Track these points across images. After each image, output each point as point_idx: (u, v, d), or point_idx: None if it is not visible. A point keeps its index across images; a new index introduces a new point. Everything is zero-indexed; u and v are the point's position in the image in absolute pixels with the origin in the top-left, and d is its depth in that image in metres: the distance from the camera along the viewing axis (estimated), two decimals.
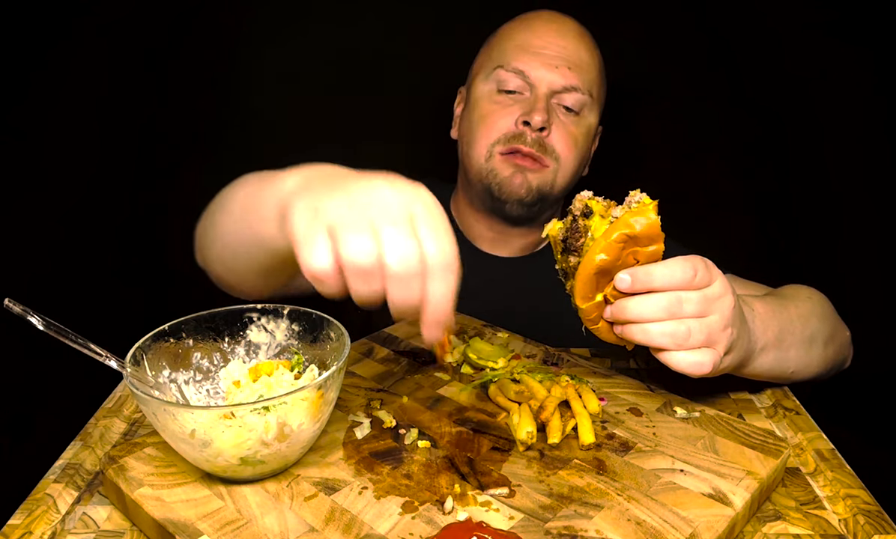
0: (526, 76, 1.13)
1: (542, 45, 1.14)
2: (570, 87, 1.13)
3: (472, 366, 0.90)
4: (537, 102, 1.12)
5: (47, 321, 0.65)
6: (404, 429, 0.77)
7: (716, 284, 0.72)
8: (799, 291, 0.99)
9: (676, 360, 0.72)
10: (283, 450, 0.66)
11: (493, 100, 1.16)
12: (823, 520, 0.69)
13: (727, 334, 0.73)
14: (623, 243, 0.70)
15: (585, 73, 1.15)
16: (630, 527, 0.61)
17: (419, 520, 0.63)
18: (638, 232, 0.70)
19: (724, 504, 0.64)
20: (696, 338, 0.71)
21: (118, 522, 0.69)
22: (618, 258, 0.71)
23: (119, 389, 0.96)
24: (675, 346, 0.71)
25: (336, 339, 0.76)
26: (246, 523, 0.63)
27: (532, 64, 1.13)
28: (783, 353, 0.86)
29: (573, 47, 1.15)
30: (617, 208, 0.72)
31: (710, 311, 0.71)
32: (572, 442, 0.74)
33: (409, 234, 0.57)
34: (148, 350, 0.74)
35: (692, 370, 0.72)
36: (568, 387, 0.80)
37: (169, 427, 0.64)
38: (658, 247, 0.71)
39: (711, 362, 0.72)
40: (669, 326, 0.70)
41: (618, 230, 0.70)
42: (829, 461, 0.78)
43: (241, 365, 0.81)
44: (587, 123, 1.18)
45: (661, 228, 0.71)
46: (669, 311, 0.70)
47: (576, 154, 1.16)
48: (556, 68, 1.13)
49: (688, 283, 0.70)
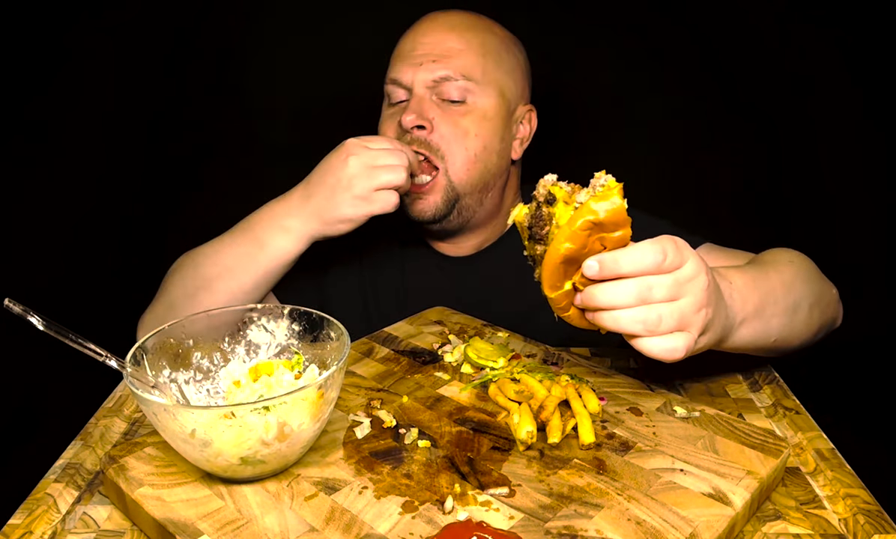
0: (400, 82, 1.14)
1: (410, 48, 1.14)
2: (440, 79, 1.11)
3: (473, 366, 0.90)
4: (412, 102, 1.12)
5: (47, 321, 0.65)
6: (404, 428, 0.77)
7: (687, 266, 0.69)
8: (780, 255, 0.97)
9: (648, 346, 0.69)
10: (284, 449, 0.66)
11: (386, 115, 1.17)
12: (823, 519, 0.69)
13: (701, 316, 0.70)
14: (588, 230, 0.67)
15: (455, 58, 1.12)
16: (630, 526, 0.61)
17: (419, 519, 0.63)
18: (603, 218, 0.66)
19: (724, 504, 0.64)
20: (668, 323, 0.68)
21: (118, 522, 0.69)
22: (584, 246, 0.68)
23: (119, 389, 0.96)
24: (646, 332, 0.69)
25: (336, 338, 0.76)
26: (246, 523, 0.63)
27: (401, 69, 1.14)
28: (765, 323, 0.85)
29: (437, 40, 1.14)
30: (582, 192, 0.69)
31: (682, 294, 0.69)
32: (572, 442, 0.74)
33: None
34: (148, 350, 0.74)
35: (665, 356, 0.70)
36: (568, 386, 0.80)
37: (169, 427, 0.64)
38: (625, 232, 0.68)
39: (685, 347, 0.69)
40: (640, 313, 0.68)
41: (582, 217, 0.67)
42: (829, 461, 0.78)
43: (241, 365, 0.81)
44: (479, 108, 1.14)
45: (626, 213, 0.68)
46: (639, 297, 0.68)
47: (467, 143, 1.12)
48: (420, 65, 1.12)
49: (657, 267, 0.68)
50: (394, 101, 1.16)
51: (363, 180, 0.99)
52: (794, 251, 1.00)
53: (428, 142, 1.11)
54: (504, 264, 1.20)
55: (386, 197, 1.00)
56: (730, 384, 0.95)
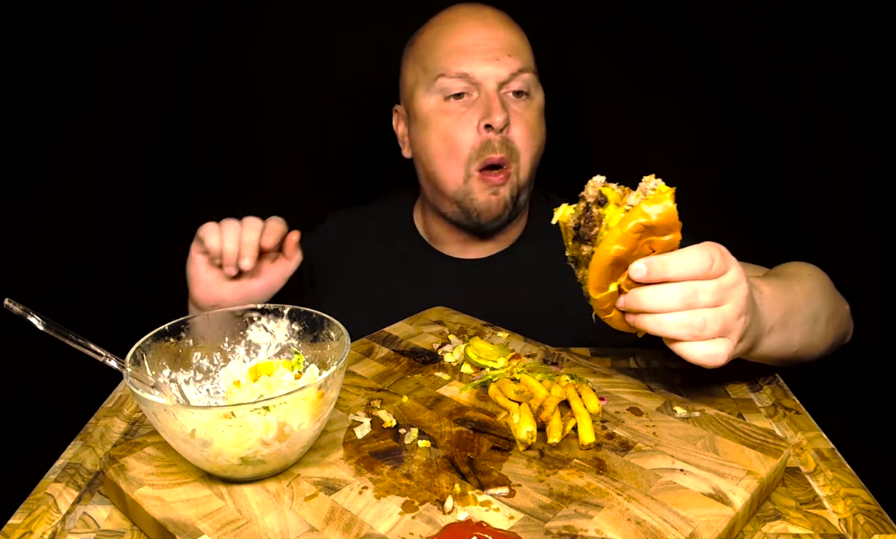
0: (470, 78, 1.11)
1: (475, 42, 1.11)
2: (516, 72, 1.11)
3: (473, 366, 0.90)
4: (491, 101, 1.09)
5: (47, 321, 0.65)
6: (404, 428, 0.77)
7: (731, 272, 0.70)
8: (800, 269, 0.98)
9: (691, 350, 0.70)
10: (284, 449, 0.66)
11: (444, 111, 1.13)
12: (823, 519, 0.69)
13: (741, 322, 0.71)
14: (639, 233, 0.67)
15: (523, 53, 1.14)
16: (630, 526, 0.61)
17: (419, 519, 0.63)
18: (654, 221, 0.67)
19: (724, 504, 0.64)
20: (711, 328, 0.69)
21: (118, 522, 0.69)
22: (633, 248, 0.69)
23: (119, 389, 0.96)
24: (690, 336, 0.69)
25: (336, 338, 0.76)
26: (246, 523, 0.63)
27: (473, 63, 1.10)
28: (788, 333, 0.85)
29: (504, 34, 1.13)
30: (632, 195, 0.69)
31: (725, 300, 0.70)
32: (572, 442, 0.74)
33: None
34: (148, 350, 0.74)
35: (707, 362, 0.70)
36: (568, 386, 0.80)
37: (169, 427, 0.64)
38: (675, 236, 0.69)
39: (727, 352, 0.70)
40: (685, 317, 0.69)
41: (634, 219, 0.67)
42: (829, 461, 0.78)
43: (241, 365, 0.81)
44: (538, 103, 1.16)
45: (678, 217, 0.68)
46: (685, 301, 0.68)
47: (533, 143, 1.13)
48: (497, 60, 1.10)
49: (705, 272, 0.68)
50: (450, 94, 1.12)
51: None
52: (811, 265, 1.01)
53: (508, 141, 1.10)
54: (524, 266, 1.20)
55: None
56: (730, 384, 0.95)
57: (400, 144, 1.25)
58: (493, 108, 1.08)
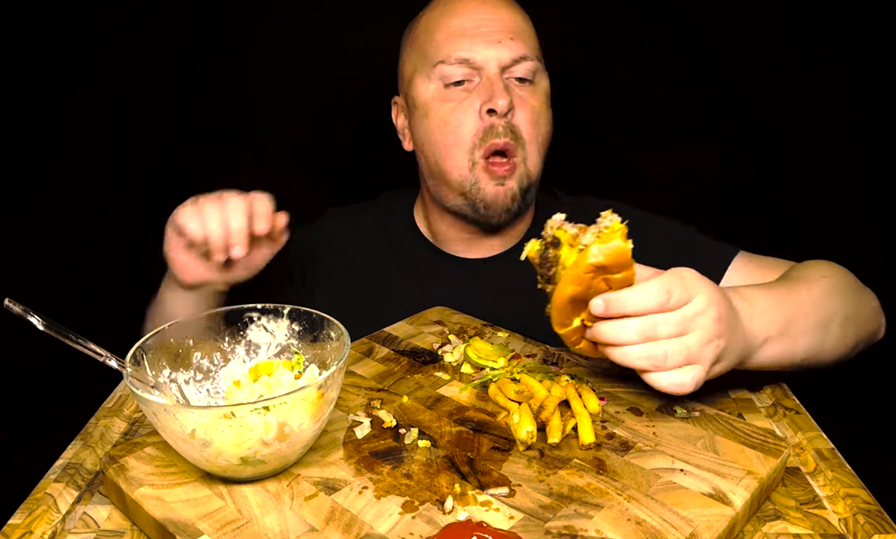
0: (471, 63, 1.06)
1: (475, 25, 1.07)
2: (518, 58, 1.07)
3: (473, 365, 0.90)
4: (493, 85, 1.05)
5: (47, 321, 0.65)
6: (404, 428, 0.77)
7: (696, 301, 0.71)
8: (813, 270, 0.95)
9: (656, 380, 0.72)
10: (284, 449, 0.66)
11: (445, 98, 1.09)
12: (823, 519, 0.69)
13: (712, 348, 0.72)
14: (592, 273, 0.70)
15: (528, 38, 1.10)
16: (630, 526, 0.61)
17: (419, 519, 0.63)
18: (605, 262, 0.69)
19: (724, 504, 0.64)
20: (675, 359, 0.71)
21: (118, 522, 0.69)
22: (588, 287, 0.71)
23: (119, 389, 0.96)
24: (653, 367, 0.71)
25: (336, 338, 0.76)
26: (246, 523, 0.63)
27: (474, 47, 1.06)
28: (791, 342, 0.84)
29: (508, 16, 1.09)
30: (587, 233, 0.70)
31: (689, 330, 0.71)
32: (572, 442, 0.74)
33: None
34: (148, 350, 0.74)
35: (673, 390, 0.72)
36: (568, 386, 0.80)
37: (169, 427, 0.64)
38: (628, 273, 0.70)
39: (693, 381, 0.72)
40: (646, 349, 0.70)
41: (585, 261, 0.69)
42: (829, 461, 0.78)
43: (241, 365, 0.81)
44: (543, 90, 1.12)
45: (630, 255, 0.70)
46: (644, 334, 0.70)
47: (539, 129, 1.10)
48: (499, 43, 1.06)
49: (661, 306, 0.70)
50: (450, 82, 1.08)
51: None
52: (830, 264, 0.98)
53: (512, 127, 1.06)
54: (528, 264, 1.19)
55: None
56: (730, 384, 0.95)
57: (400, 137, 1.21)
58: (496, 92, 1.05)
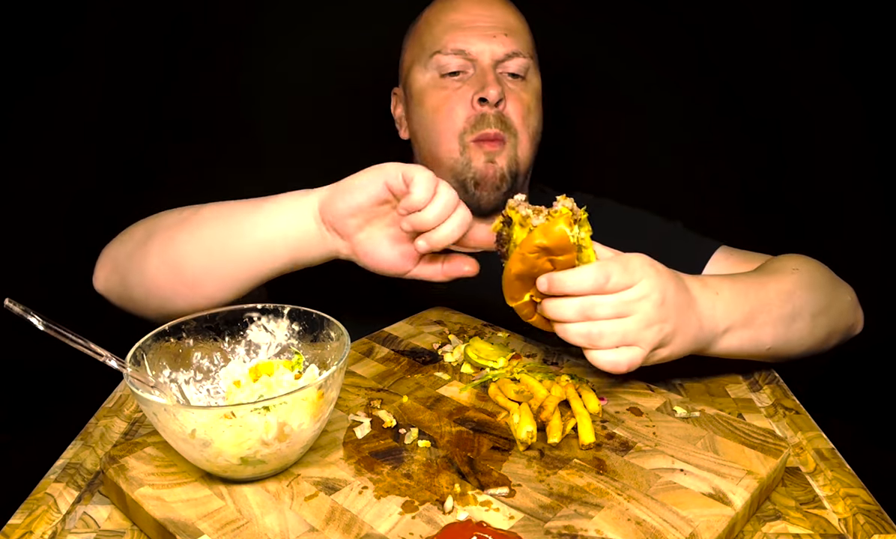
0: (466, 54, 1.11)
1: (472, 20, 1.12)
2: (511, 54, 1.12)
3: (473, 365, 0.90)
4: (486, 76, 1.10)
5: (47, 321, 0.65)
6: (404, 428, 0.77)
7: (638, 287, 0.75)
8: (787, 263, 0.97)
9: (592, 357, 0.76)
10: (284, 449, 0.66)
11: (439, 86, 1.13)
12: (823, 519, 0.69)
13: (654, 331, 0.76)
14: (537, 253, 0.74)
15: (521, 36, 1.15)
16: (630, 526, 0.61)
17: (419, 519, 0.63)
18: (548, 244, 0.73)
19: (724, 504, 0.64)
20: (610, 339, 0.75)
21: (119, 522, 0.69)
22: (534, 266, 0.75)
23: (119, 389, 0.96)
24: (589, 345, 0.75)
25: (336, 338, 0.76)
26: (246, 523, 0.63)
27: (470, 39, 1.11)
28: (755, 332, 0.86)
29: (503, 14, 1.14)
30: (540, 216, 0.74)
31: (628, 313, 0.75)
32: (572, 442, 0.74)
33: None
34: (148, 350, 0.74)
35: (608, 368, 0.76)
36: (568, 386, 0.80)
37: (169, 427, 0.64)
38: (569, 256, 0.74)
39: (627, 361, 0.75)
40: (584, 327, 0.75)
41: (532, 241, 0.73)
42: (829, 461, 0.78)
43: (241, 365, 0.81)
44: (534, 87, 1.16)
45: (569, 240, 0.73)
46: (581, 313, 0.74)
47: (530, 121, 1.14)
48: (493, 37, 1.11)
49: (599, 288, 0.74)
50: (445, 72, 1.12)
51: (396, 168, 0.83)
52: (805, 258, 1.00)
53: (503, 116, 1.10)
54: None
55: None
56: (730, 384, 0.95)
57: (397, 127, 1.25)
58: (488, 82, 1.09)
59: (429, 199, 0.79)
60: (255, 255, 0.89)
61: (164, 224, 0.96)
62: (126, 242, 1.00)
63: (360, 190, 0.83)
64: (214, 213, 0.93)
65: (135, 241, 0.98)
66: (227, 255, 0.90)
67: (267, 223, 0.88)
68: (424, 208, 0.80)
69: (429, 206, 0.79)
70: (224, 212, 0.92)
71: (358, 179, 0.84)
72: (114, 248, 1.02)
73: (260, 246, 0.89)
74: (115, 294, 1.02)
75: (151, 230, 0.97)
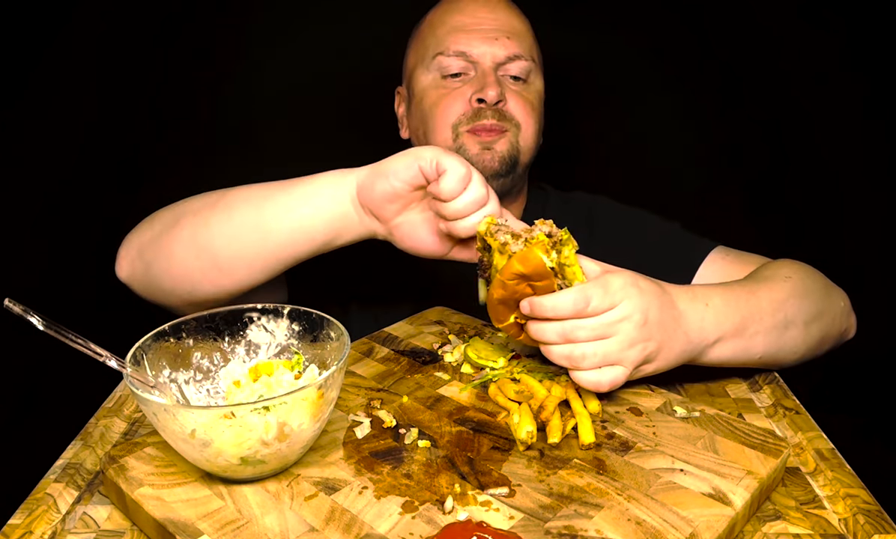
0: (468, 56, 1.13)
1: (475, 22, 1.14)
2: (513, 56, 1.13)
3: (473, 365, 0.90)
4: (486, 77, 1.11)
5: (47, 321, 0.65)
6: (404, 428, 0.77)
7: (619, 308, 0.75)
8: (779, 269, 0.97)
9: (576, 377, 0.77)
10: (284, 449, 0.66)
11: (441, 86, 1.15)
12: (823, 519, 0.69)
13: (637, 350, 0.77)
14: (516, 280, 0.75)
15: (524, 39, 1.16)
16: (630, 526, 0.61)
17: (419, 519, 0.63)
18: (526, 272, 0.73)
19: (724, 504, 0.64)
20: (592, 360, 0.75)
21: (118, 522, 0.69)
22: (514, 292, 0.76)
23: (119, 389, 0.96)
24: (572, 366, 0.77)
25: (336, 338, 0.76)
26: (246, 523, 0.63)
27: (471, 42, 1.12)
28: (746, 341, 0.87)
29: (506, 18, 1.16)
30: (519, 241, 0.74)
31: (609, 334, 0.76)
32: (572, 442, 0.74)
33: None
34: (148, 350, 0.74)
35: (591, 387, 0.77)
36: (568, 386, 0.80)
37: (169, 427, 0.64)
38: (548, 282, 0.74)
39: (609, 381, 0.76)
40: (566, 349, 0.76)
41: (510, 270, 0.74)
42: (829, 461, 0.78)
43: (241, 365, 0.81)
44: (536, 88, 1.18)
45: (547, 268, 0.74)
46: (563, 336, 0.75)
47: (534, 118, 1.15)
48: (495, 40, 1.13)
49: (579, 312, 0.74)
50: (447, 73, 1.14)
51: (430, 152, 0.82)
52: (798, 264, 1.00)
53: (502, 112, 1.11)
54: None
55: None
56: (730, 384, 0.95)
57: (399, 125, 1.27)
58: (488, 83, 1.10)
59: (458, 191, 0.79)
60: (291, 237, 0.88)
61: (191, 208, 0.94)
62: (152, 228, 0.98)
63: (395, 175, 0.83)
64: (245, 195, 0.91)
65: (162, 225, 0.96)
66: (262, 237, 0.88)
67: (303, 205, 0.87)
68: (451, 200, 0.80)
69: (456, 198, 0.80)
70: (256, 194, 0.90)
71: (393, 164, 0.84)
72: (138, 235, 0.99)
73: (296, 228, 0.88)
74: (139, 282, 0.99)
75: (179, 215, 0.95)
